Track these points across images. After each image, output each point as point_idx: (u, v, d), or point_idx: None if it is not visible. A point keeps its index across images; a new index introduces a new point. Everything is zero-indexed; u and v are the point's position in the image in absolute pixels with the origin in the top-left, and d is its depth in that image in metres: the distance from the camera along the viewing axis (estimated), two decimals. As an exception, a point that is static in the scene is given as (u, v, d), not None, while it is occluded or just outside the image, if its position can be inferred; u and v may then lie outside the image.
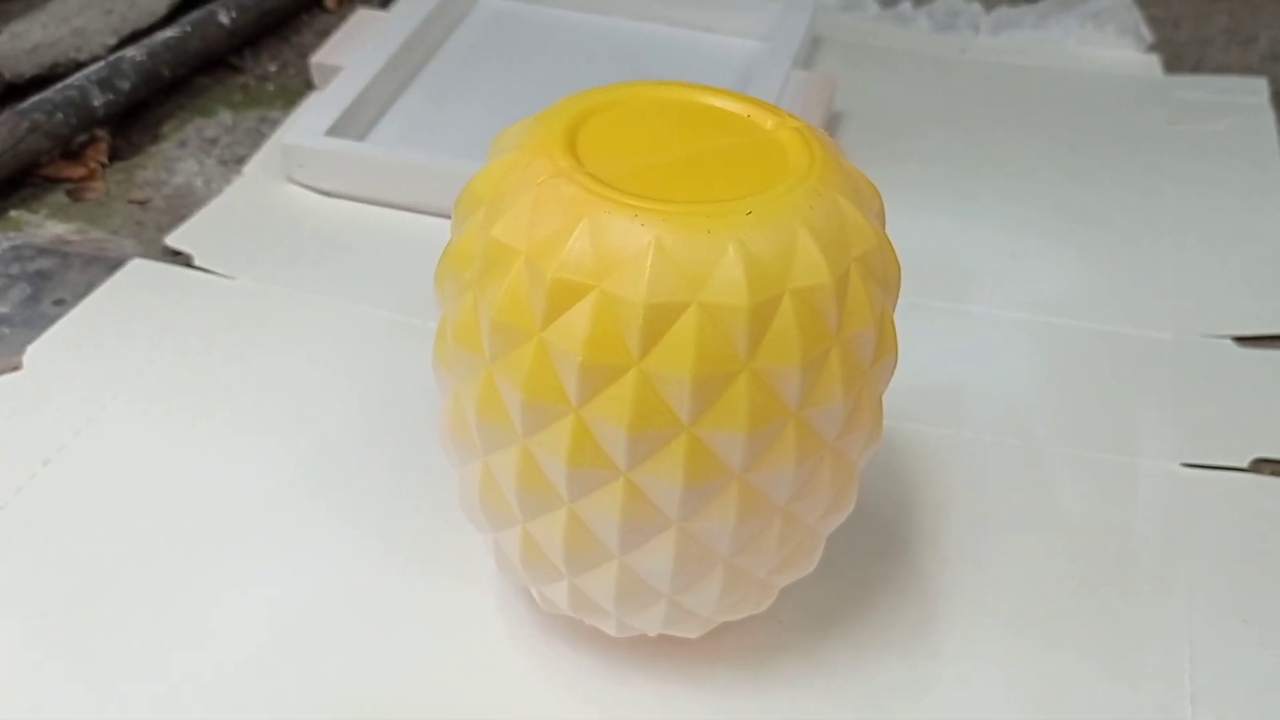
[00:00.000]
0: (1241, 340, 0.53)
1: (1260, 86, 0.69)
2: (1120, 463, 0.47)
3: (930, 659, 0.40)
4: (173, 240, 0.57)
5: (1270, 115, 0.66)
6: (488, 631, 0.41)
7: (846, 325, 0.31)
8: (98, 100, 0.63)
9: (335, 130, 0.61)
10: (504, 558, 0.37)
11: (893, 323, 0.34)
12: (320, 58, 0.67)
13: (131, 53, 0.66)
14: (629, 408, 0.30)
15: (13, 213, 0.60)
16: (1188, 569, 0.43)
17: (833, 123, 0.66)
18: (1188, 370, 0.51)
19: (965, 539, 0.44)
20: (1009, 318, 0.54)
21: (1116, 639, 0.41)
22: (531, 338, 0.31)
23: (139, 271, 0.55)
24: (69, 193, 0.62)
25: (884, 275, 0.33)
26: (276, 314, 0.53)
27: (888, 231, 0.35)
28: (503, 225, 0.31)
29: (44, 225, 0.59)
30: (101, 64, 0.65)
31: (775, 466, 0.32)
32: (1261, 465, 0.47)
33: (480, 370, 0.32)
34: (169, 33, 0.68)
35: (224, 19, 0.70)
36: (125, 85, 0.64)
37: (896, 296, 0.34)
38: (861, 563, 0.43)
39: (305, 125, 0.61)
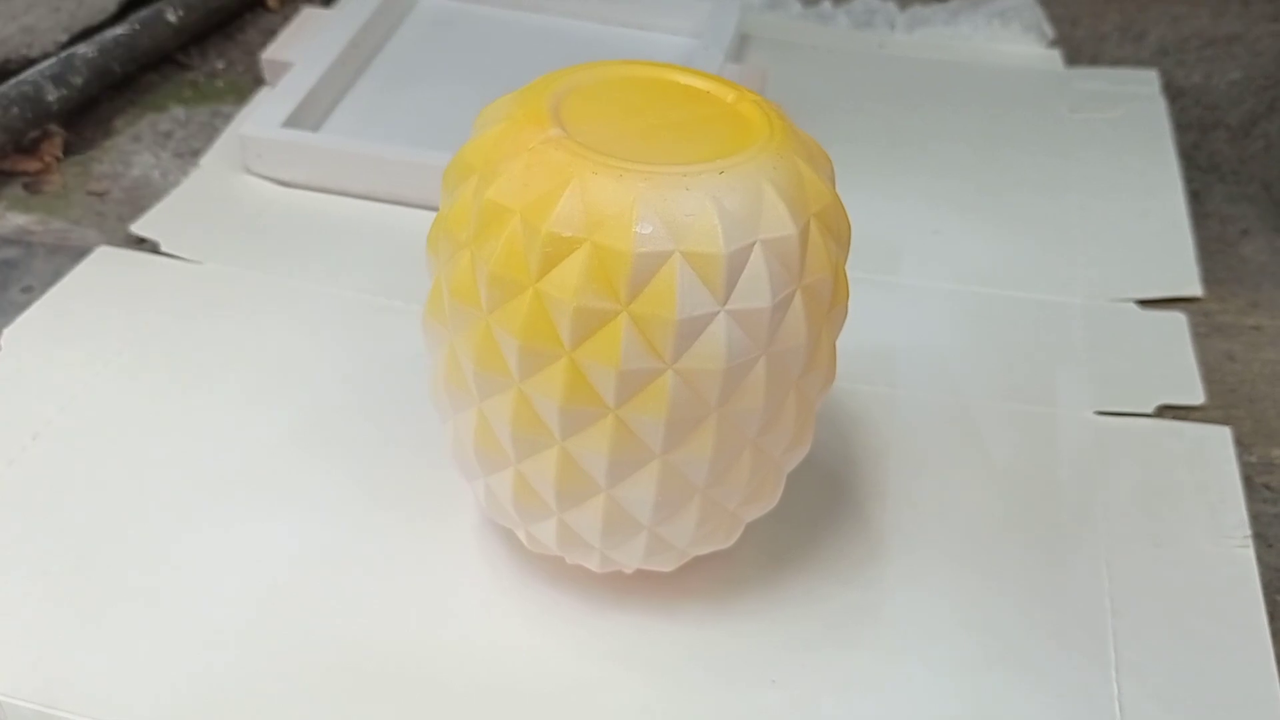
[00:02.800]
0: (1143, 303, 0.58)
1: (1151, 78, 0.75)
2: (1040, 413, 0.52)
3: (875, 589, 0.44)
4: (138, 228, 0.59)
5: (1161, 103, 0.72)
6: (471, 573, 0.44)
7: (808, 272, 0.35)
8: (52, 95, 0.64)
9: (291, 122, 0.63)
10: (494, 501, 0.40)
11: (845, 273, 0.38)
12: (271, 54, 0.69)
13: (83, 49, 0.67)
14: (618, 349, 0.34)
15: (-30, 205, 0.61)
16: (1104, 502, 0.48)
17: (763, 113, 0.70)
18: (1097, 330, 0.56)
19: (903, 483, 0.48)
20: (935, 288, 0.58)
21: (1042, 565, 0.45)
22: (527, 289, 0.34)
23: (107, 258, 0.57)
24: (25, 185, 0.63)
25: (837, 230, 0.37)
26: (246, 295, 0.55)
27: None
28: (497, 188, 0.34)
29: (4, 216, 0.61)
30: (54, 60, 0.66)
31: (746, 402, 0.35)
32: (1165, 411, 0.52)
33: (478, 322, 0.35)
34: (119, 30, 0.69)
35: (171, 17, 0.72)
36: (78, 81, 0.66)
37: (847, 251, 0.38)
38: (812, 506, 0.47)
39: (262, 118, 0.63)
